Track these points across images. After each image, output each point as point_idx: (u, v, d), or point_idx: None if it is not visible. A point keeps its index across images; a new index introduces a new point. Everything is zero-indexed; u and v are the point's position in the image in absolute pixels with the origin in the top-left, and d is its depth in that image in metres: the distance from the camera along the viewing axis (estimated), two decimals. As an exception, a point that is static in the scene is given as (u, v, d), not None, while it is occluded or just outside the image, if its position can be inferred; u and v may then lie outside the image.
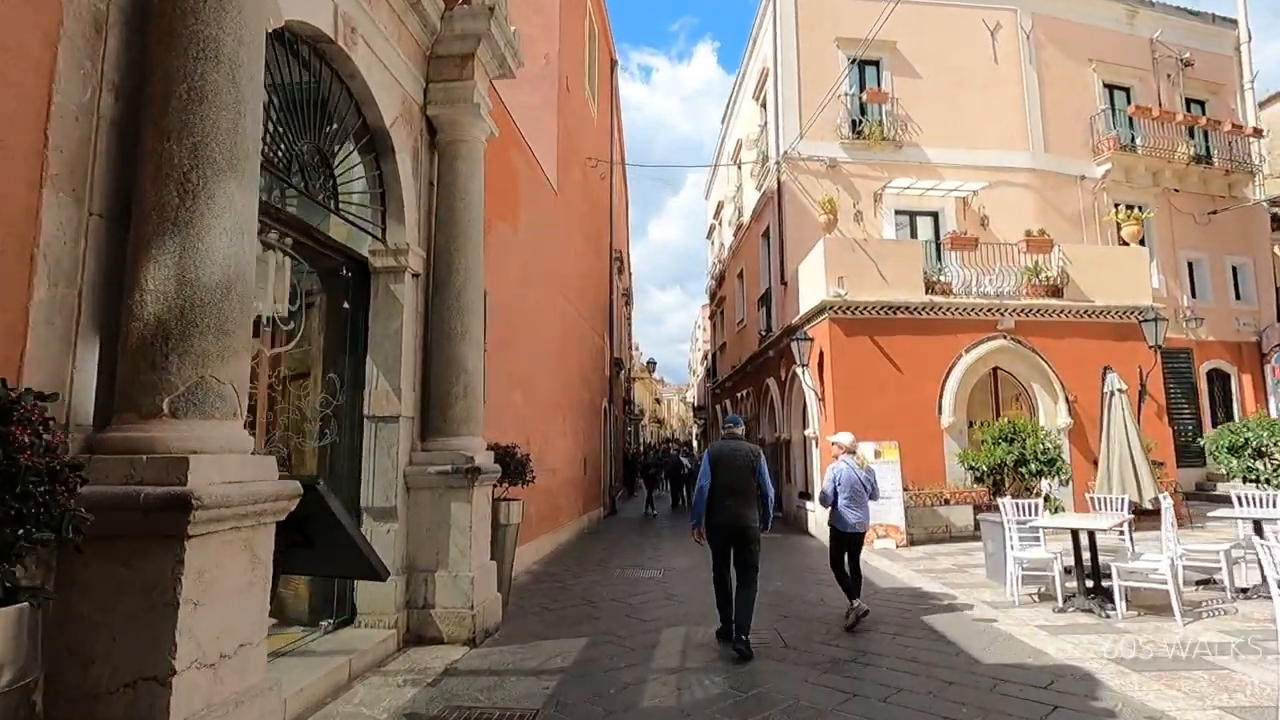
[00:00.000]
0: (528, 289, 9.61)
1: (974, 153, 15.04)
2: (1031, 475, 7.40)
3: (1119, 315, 11.96)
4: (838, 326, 11.32)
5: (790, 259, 14.12)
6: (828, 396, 11.39)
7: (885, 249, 11.64)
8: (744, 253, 19.45)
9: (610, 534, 13.29)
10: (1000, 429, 7.74)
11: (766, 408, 16.13)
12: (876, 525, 10.46)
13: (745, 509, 5.29)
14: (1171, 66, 16.97)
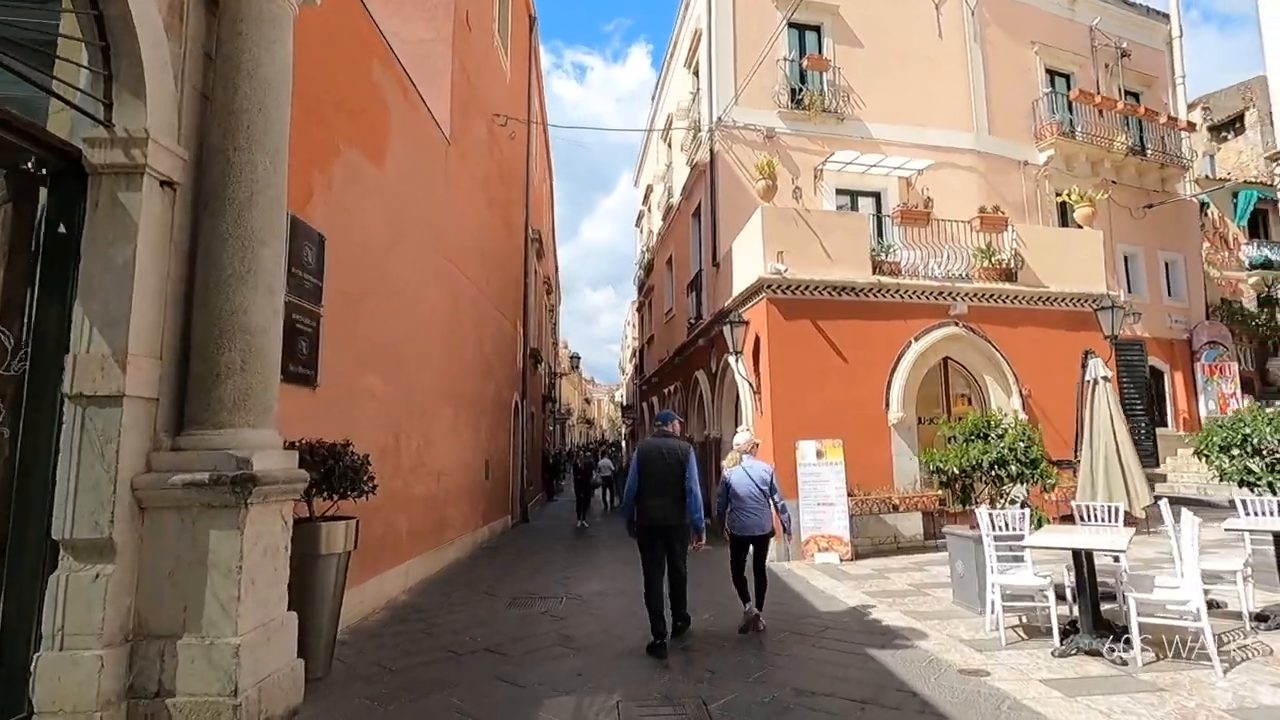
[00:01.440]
0: (400, 247, 7.68)
1: (917, 130, 14.00)
2: (1011, 479, 6.08)
3: (1073, 303, 11.03)
4: (776, 308, 9.87)
5: (723, 238, 12.64)
6: (764, 388, 9.92)
7: (829, 221, 10.30)
8: (673, 236, 17.93)
9: (515, 548, 11.43)
10: (974, 423, 6.39)
11: (695, 403, 14.62)
12: (818, 536, 9.06)
13: (673, 508, 5.21)
14: (1110, 56, 16.54)
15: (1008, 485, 6.20)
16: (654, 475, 5.27)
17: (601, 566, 9.41)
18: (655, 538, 5.25)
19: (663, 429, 5.62)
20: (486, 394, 12.09)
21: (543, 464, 22.30)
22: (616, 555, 10.28)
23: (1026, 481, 6.12)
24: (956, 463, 6.24)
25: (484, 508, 11.77)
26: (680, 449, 5.40)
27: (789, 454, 9.53)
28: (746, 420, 10.59)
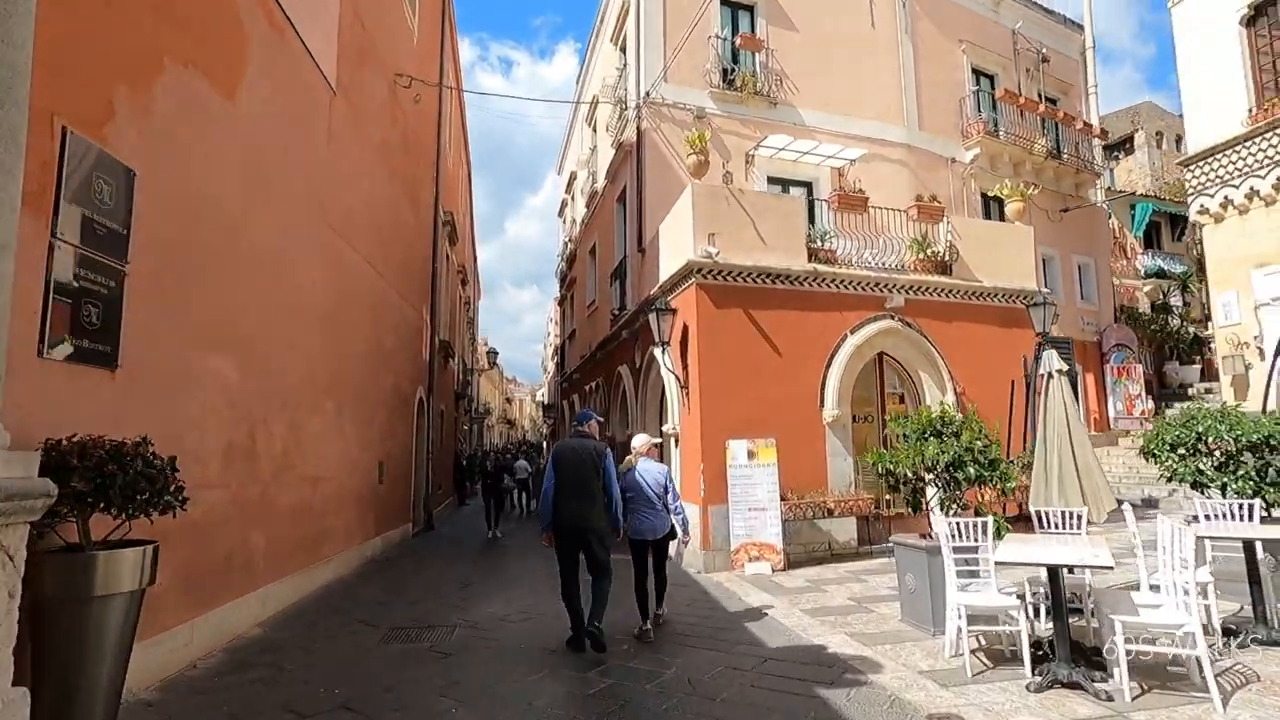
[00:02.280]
0: (263, 206, 6.32)
1: (850, 121, 13.57)
2: (969, 482, 5.43)
3: (1005, 298, 10.75)
4: (706, 295, 9.03)
5: (650, 222, 11.75)
6: (692, 382, 9.06)
7: (764, 204, 9.56)
8: (597, 224, 16.92)
9: (412, 562, 10.11)
10: (928, 419, 5.70)
11: (618, 401, 13.66)
12: (749, 544, 8.26)
13: (590, 510, 5.17)
14: (1031, 61, 16.75)
15: (965, 489, 5.54)
16: (570, 477, 5.20)
17: (510, 582, 8.29)
18: (572, 541, 5.19)
19: (580, 429, 5.58)
20: (383, 387, 10.70)
21: (454, 466, 20.77)
22: (527, 567, 9.18)
23: (985, 484, 5.47)
24: (909, 464, 5.52)
25: (377, 516, 10.38)
26: (598, 450, 5.36)
27: (718, 454, 8.71)
28: (672, 418, 9.71)
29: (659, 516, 5.66)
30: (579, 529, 5.14)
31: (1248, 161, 12.05)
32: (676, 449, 9.75)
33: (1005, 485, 5.46)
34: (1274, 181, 11.63)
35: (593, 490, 5.19)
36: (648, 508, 5.63)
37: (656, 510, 5.65)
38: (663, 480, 5.75)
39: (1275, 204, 11.74)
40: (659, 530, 5.66)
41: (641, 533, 5.64)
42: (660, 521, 5.66)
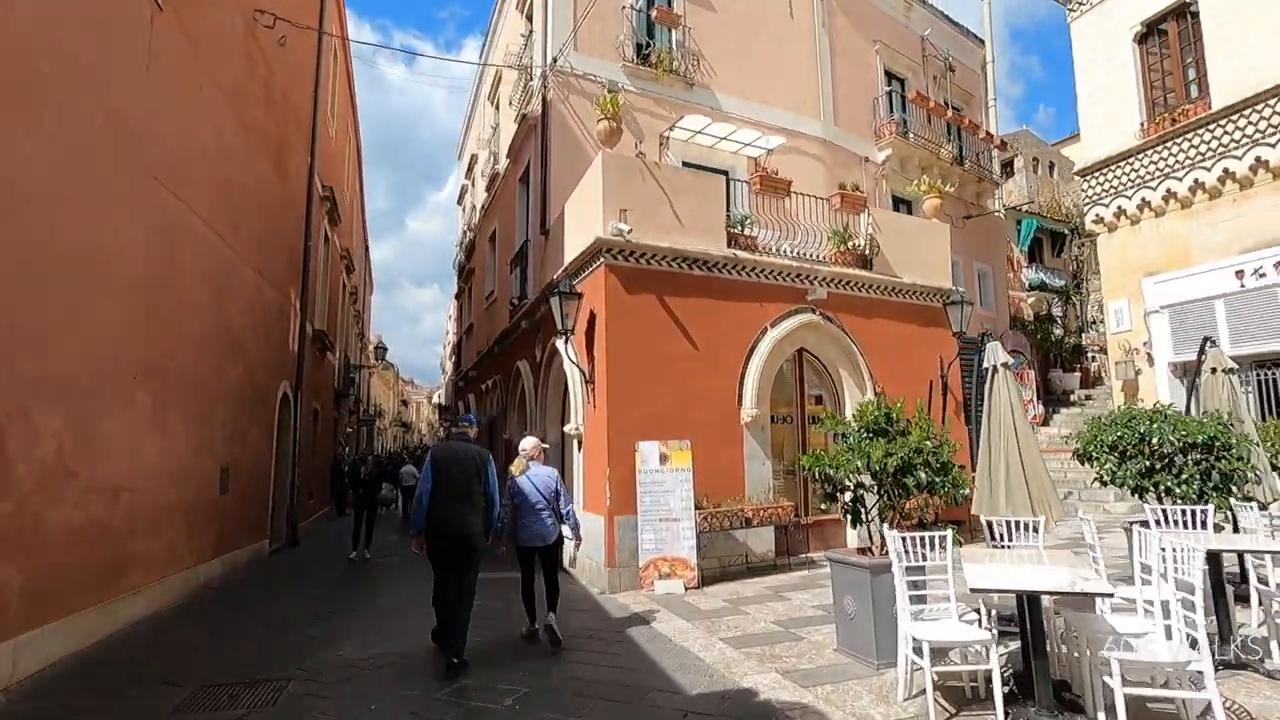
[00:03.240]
0: (18, 121, 4.70)
1: (767, 110, 13.02)
2: (919, 489, 4.68)
3: (923, 296, 10.41)
4: (616, 278, 8.01)
5: (556, 202, 10.63)
6: (598, 376, 8.00)
7: (682, 181, 8.66)
8: (498, 208, 15.57)
9: (257, 589, 8.45)
10: (872, 415, 4.90)
11: (516, 399, 12.39)
12: (659, 560, 7.29)
13: (469, 517, 4.98)
14: (938, 68, 16.95)
15: (913, 496, 4.79)
16: (449, 481, 4.98)
17: (376, 614, 6.90)
18: (448, 549, 4.97)
19: (459, 432, 5.46)
20: (228, 378, 8.95)
21: (333, 472, 18.64)
22: (401, 594, 7.78)
23: (935, 492, 4.74)
24: (851, 468, 4.70)
25: (217, 533, 8.63)
26: (479, 455, 5.20)
27: (627, 457, 7.70)
28: (575, 417, 8.61)
29: (549, 522, 5.46)
30: (459, 535, 4.93)
31: (1140, 173, 12.41)
32: (579, 452, 8.65)
33: (958, 492, 4.75)
34: (1164, 193, 12.01)
35: (474, 495, 5.02)
36: (537, 514, 5.42)
37: (546, 516, 5.45)
38: (553, 485, 5.55)
39: (1165, 215, 12.13)
40: (549, 536, 5.46)
41: (530, 540, 5.42)
42: (550, 527, 5.46)
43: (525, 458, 5.61)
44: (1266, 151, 10.54)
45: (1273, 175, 10.54)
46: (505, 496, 5.42)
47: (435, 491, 4.93)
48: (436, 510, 4.91)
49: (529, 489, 5.45)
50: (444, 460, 5.03)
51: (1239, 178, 10.93)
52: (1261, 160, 10.60)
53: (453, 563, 4.94)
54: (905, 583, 4.11)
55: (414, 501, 5.12)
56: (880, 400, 9.07)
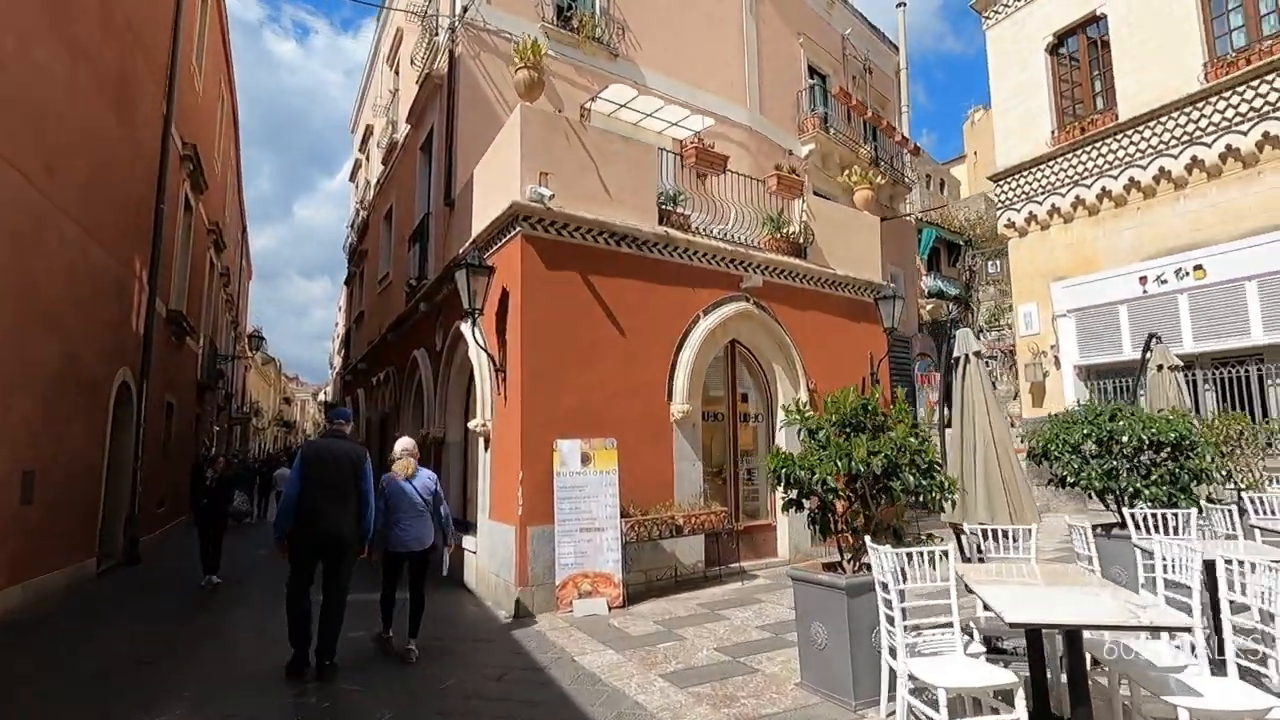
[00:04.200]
0: None
1: (693, 92, 12.29)
2: (906, 494, 3.96)
3: (855, 290, 9.98)
4: (534, 251, 6.94)
5: (463, 170, 9.39)
6: (511, 364, 6.90)
7: (611, 147, 7.70)
8: (396, 181, 14.01)
9: (68, 623, 6.70)
10: (849, 407, 4.13)
11: (412, 392, 11.00)
12: (579, 576, 6.31)
13: (343, 519, 4.71)
14: (857, 69, 16.92)
15: (897, 506, 4.06)
16: (321, 481, 4.72)
17: (220, 661, 5.47)
18: (315, 553, 4.69)
19: (334, 428, 5.17)
20: (35, 358, 7.11)
21: (193, 475, 16.21)
22: (261, 634, 6.32)
23: (923, 499, 4.02)
24: (829, 470, 3.91)
25: (15, 554, 6.81)
26: (355, 452, 4.97)
27: (543, 457, 6.65)
28: (482, 411, 7.45)
29: (425, 526, 5.26)
30: (331, 537, 4.66)
31: (1050, 180, 12.68)
32: (486, 452, 7.50)
33: (946, 497, 4.07)
34: (1073, 200, 12.30)
35: (348, 497, 4.76)
36: (413, 517, 5.21)
37: (423, 519, 5.25)
38: (432, 486, 5.36)
39: (1073, 221, 12.42)
40: (424, 541, 5.25)
41: (406, 544, 5.18)
42: (426, 531, 5.25)
43: (406, 454, 5.35)
44: (1169, 162, 10.90)
45: (1174, 185, 10.92)
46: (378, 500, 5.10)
47: (305, 492, 4.65)
48: (306, 512, 4.62)
49: (408, 490, 5.21)
50: (316, 459, 4.75)
51: (1143, 187, 11.29)
52: (1164, 170, 10.97)
53: (325, 564, 4.69)
54: (901, 610, 3.34)
55: (281, 500, 4.79)
56: (813, 399, 8.48)
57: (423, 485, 5.30)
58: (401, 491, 5.20)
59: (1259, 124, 9.89)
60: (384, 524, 5.12)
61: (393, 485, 5.21)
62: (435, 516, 5.33)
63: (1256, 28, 10.24)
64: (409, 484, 5.24)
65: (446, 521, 5.42)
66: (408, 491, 5.21)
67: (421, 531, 5.21)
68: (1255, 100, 9.91)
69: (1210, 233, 10.44)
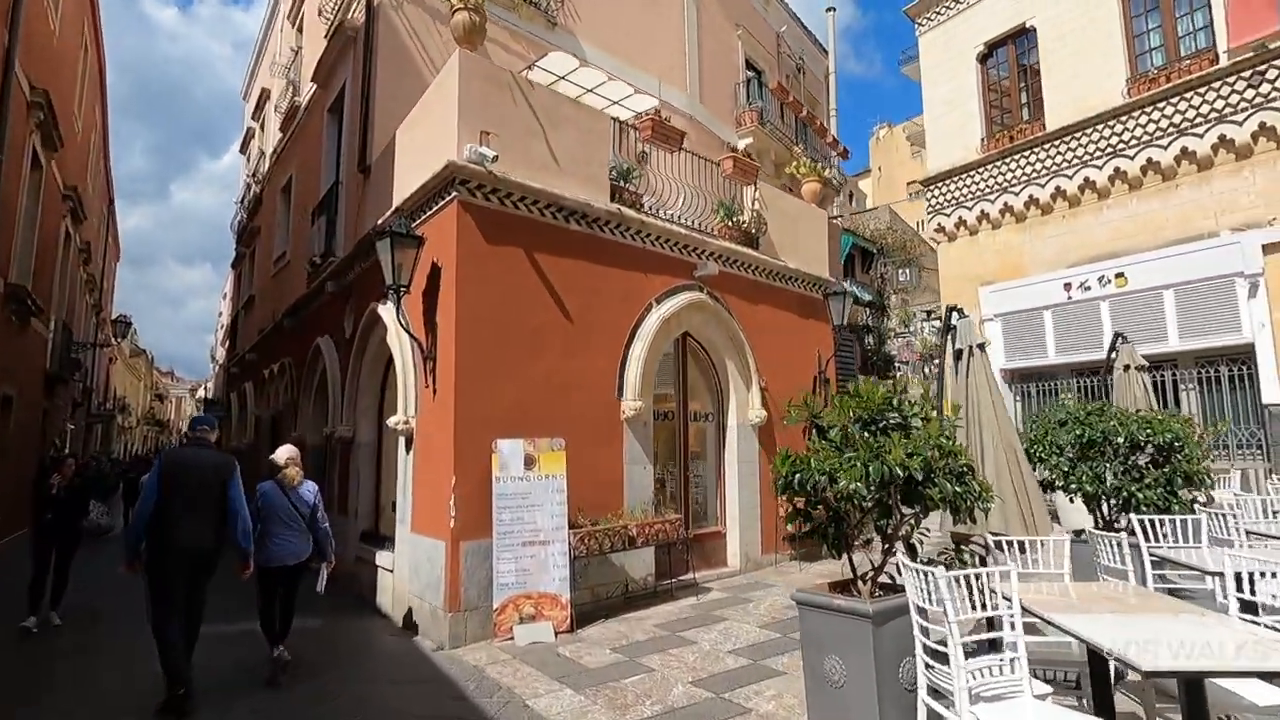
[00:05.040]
0: None
1: (634, 73, 11.60)
2: (943, 504, 3.38)
3: (805, 285, 9.59)
4: (474, 221, 5.99)
5: (382, 132, 8.23)
6: (444, 351, 5.92)
7: (561, 110, 6.85)
8: (297, 149, 12.48)
9: None
10: (874, 401, 3.52)
11: (314, 386, 9.66)
12: (522, 597, 5.44)
13: (204, 534, 4.39)
14: (791, 68, 16.81)
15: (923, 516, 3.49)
16: (182, 492, 4.35)
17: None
18: (181, 569, 4.30)
19: (197, 436, 4.80)
20: None
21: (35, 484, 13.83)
22: (94, 705, 5.03)
23: (955, 510, 3.46)
24: (857, 475, 3.27)
25: None
26: (223, 463, 4.63)
27: (480, 460, 5.73)
28: (405, 407, 6.41)
29: (303, 540, 5.00)
30: (194, 553, 4.34)
31: (980, 186, 12.87)
32: (409, 454, 6.45)
33: (982, 507, 3.54)
34: (1001, 206, 12.52)
35: (212, 511, 4.46)
36: (291, 530, 4.94)
37: (300, 532, 4.99)
38: (311, 498, 5.09)
39: (1001, 227, 12.66)
40: (301, 554, 4.99)
41: (281, 558, 4.90)
42: (304, 545, 5.00)
43: (289, 462, 5.07)
44: (1094, 173, 11.24)
45: (1098, 196, 11.27)
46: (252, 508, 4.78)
47: (165, 506, 4.28)
48: (163, 528, 4.26)
49: (284, 502, 4.92)
50: (174, 470, 4.40)
51: (1069, 196, 11.59)
52: (1089, 181, 11.29)
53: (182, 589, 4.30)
54: (960, 648, 2.74)
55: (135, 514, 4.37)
56: (765, 397, 7.96)
57: (299, 497, 5.00)
58: (279, 502, 4.92)
59: (1177, 139, 10.31)
60: (262, 537, 4.81)
61: (269, 495, 4.92)
62: (314, 530, 5.03)
63: (1175, 48, 10.70)
64: (289, 494, 4.96)
65: (326, 536, 5.11)
66: (286, 503, 4.93)
67: (298, 545, 4.94)
68: (1175, 116, 10.32)
69: (1131, 242, 10.82)
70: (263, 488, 4.98)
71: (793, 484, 3.55)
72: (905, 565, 3.15)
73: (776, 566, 8.22)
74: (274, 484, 4.99)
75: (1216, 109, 9.92)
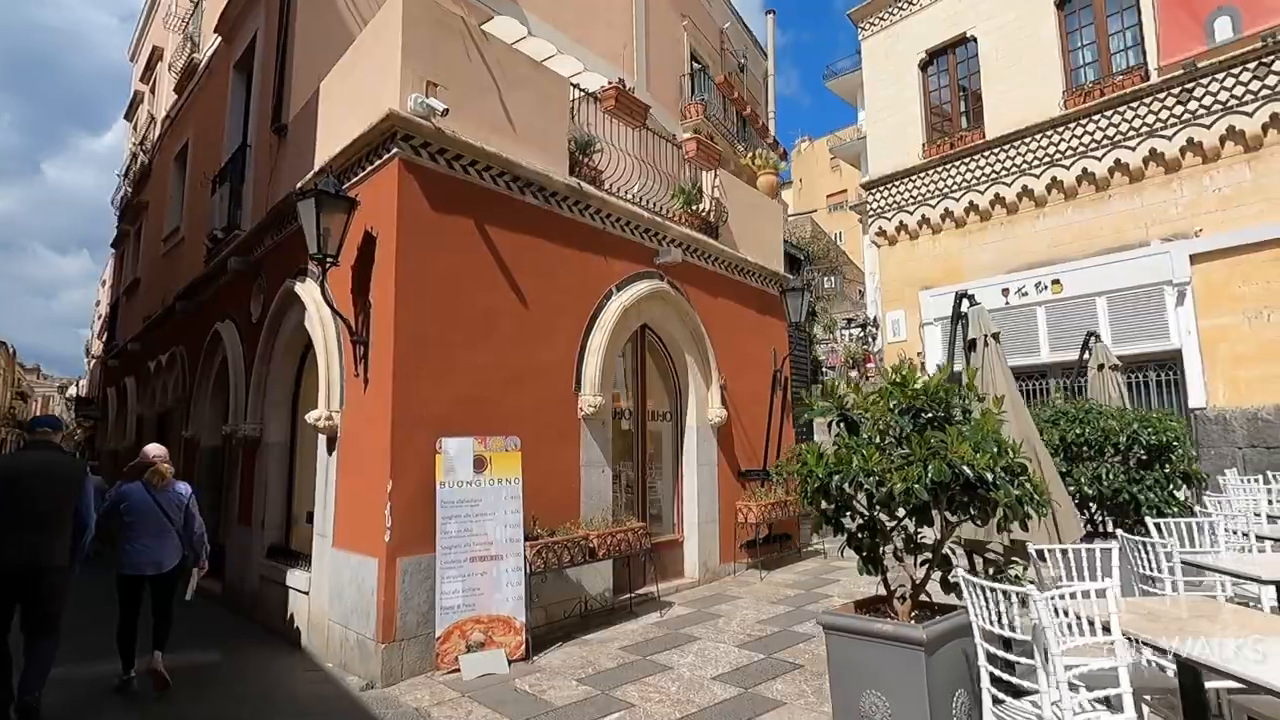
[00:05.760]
0: None
1: (582, 51, 10.92)
2: (1006, 511, 2.89)
3: (762, 279, 9.19)
4: (418, 183, 5.16)
5: (300, 88, 7.18)
6: (380, 334, 5.05)
7: (518, 69, 6.09)
8: (196, 112, 11.03)
9: None
10: (936, 389, 3.00)
11: (211, 378, 8.41)
12: (468, 623, 4.67)
13: (48, 547, 3.97)
14: (733, 65, 16.59)
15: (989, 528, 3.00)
16: (22, 501, 3.93)
17: None
18: (14, 587, 3.89)
19: (37, 437, 4.30)
20: None
21: None
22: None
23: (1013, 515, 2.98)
24: (913, 478, 2.74)
25: None
26: (70, 467, 4.28)
27: (422, 461, 4.89)
28: (330, 400, 5.47)
29: (170, 546, 4.66)
30: (30, 569, 3.87)
31: (921, 191, 12.97)
32: (331, 456, 5.51)
33: (1040, 512, 3.08)
34: (942, 212, 12.65)
35: (59, 519, 4.01)
36: (157, 535, 4.60)
37: (168, 538, 4.65)
38: (184, 500, 4.80)
39: (941, 232, 12.78)
40: (167, 562, 4.63)
41: (140, 567, 4.54)
42: (171, 551, 4.66)
43: (158, 460, 4.75)
44: (1031, 181, 11.47)
45: (1036, 204, 11.51)
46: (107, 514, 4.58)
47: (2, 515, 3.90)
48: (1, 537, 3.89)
49: (150, 505, 4.61)
50: (12, 476, 3.98)
51: (1008, 203, 11.80)
52: (1027, 189, 11.52)
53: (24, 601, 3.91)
54: (1065, 683, 2.24)
55: None
56: (724, 396, 7.46)
57: (168, 499, 4.69)
58: (145, 505, 4.60)
59: (1111, 151, 10.63)
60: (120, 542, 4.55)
61: (134, 498, 4.60)
62: (186, 535, 4.73)
63: (1108, 63, 11.06)
64: (156, 496, 4.64)
65: (200, 541, 4.82)
66: (154, 505, 4.61)
67: (164, 553, 4.62)
68: (1109, 129, 10.64)
69: (1067, 249, 11.09)
70: (126, 489, 4.65)
71: (828, 489, 2.98)
72: (968, 580, 2.64)
73: (735, 576, 7.72)
74: (139, 485, 4.64)
75: (1148, 123, 10.28)
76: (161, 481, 4.68)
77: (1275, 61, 9.26)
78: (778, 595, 6.75)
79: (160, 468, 4.71)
